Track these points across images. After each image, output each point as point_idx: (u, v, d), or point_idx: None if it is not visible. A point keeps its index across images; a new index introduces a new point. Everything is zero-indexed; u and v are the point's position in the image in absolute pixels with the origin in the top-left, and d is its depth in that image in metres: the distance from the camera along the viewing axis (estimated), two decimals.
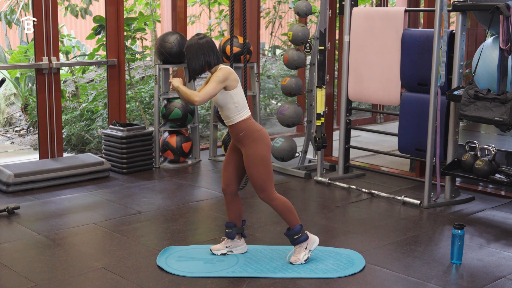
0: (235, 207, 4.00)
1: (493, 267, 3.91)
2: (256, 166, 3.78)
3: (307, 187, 5.75)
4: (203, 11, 10.88)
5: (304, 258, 3.89)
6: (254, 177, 3.80)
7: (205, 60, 3.72)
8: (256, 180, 3.80)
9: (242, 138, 3.79)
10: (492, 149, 4.91)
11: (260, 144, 3.80)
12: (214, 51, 3.75)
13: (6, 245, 4.21)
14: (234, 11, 5.75)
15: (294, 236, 3.88)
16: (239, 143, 3.84)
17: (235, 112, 3.77)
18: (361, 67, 5.70)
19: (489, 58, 4.88)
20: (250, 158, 3.79)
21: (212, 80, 3.68)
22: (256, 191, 3.85)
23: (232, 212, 4.00)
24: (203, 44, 3.73)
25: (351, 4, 5.73)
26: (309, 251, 3.92)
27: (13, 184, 5.42)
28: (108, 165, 5.96)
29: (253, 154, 3.78)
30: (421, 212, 5.00)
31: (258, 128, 3.81)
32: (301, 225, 3.90)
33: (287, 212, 3.87)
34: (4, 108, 9.27)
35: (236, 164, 3.92)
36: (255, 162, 3.78)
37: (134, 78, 9.22)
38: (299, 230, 3.88)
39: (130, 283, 3.62)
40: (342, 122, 5.90)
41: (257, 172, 3.79)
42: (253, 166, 3.78)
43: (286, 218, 3.89)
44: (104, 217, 4.83)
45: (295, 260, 3.88)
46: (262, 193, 3.83)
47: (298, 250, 3.91)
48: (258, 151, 3.79)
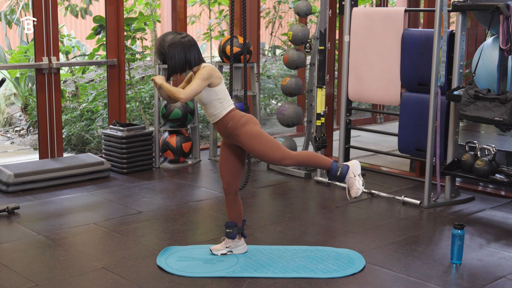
0: (236, 206, 4.00)
1: (493, 267, 3.91)
2: (257, 141, 3.74)
3: (307, 187, 5.76)
4: (203, 11, 10.88)
5: (361, 184, 3.82)
6: (264, 152, 3.74)
7: (186, 58, 3.70)
8: (267, 154, 3.74)
9: (231, 129, 3.77)
10: (492, 149, 4.91)
11: (249, 125, 3.77)
12: (196, 49, 3.74)
13: (6, 245, 4.21)
14: (234, 11, 5.75)
15: (337, 174, 3.81)
16: (230, 136, 3.81)
17: (220, 108, 3.76)
18: (361, 67, 5.70)
19: (489, 58, 4.88)
20: (248, 140, 3.75)
21: (197, 78, 3.65)
22: (277, 163, 3.78)
23: (233, 212, 4.00)
24: (185, 43, 3.70)
25: (351, 4, 5.73)
26: (358, 175, 3.83)
27: (13, 184, 5.42)
28: (108, 165, 5.96)
29: (247, 135, 3.74)
30: (421, 212, 5.00)
31: (242, 114, 3.79)
32: (334, 161, 3.83)
33: (314, 159, 3.81)
34: (4, 108, 9.27)
35: (232, 162, 3.91)
36: (254, 139, 3.74)
37: (134, 78, 9.22)
38: (336, 166, 3.81)
39: (130, 283, 3.62)
40: (342, 122, 5.90)
41: (261, 147, 3.74)
42: (255, 143, 3.74)
43: (317, 164, 3.83)
44: (104, 217, 4.83)
45: (356, 191, 3.80)
46: (283, 161, 3.75)
47: (350, 183, 3.83)
48: (250, 131, 3.75)
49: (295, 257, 3.98)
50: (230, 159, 3.91)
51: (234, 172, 3.93)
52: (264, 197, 5.47)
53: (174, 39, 3.70)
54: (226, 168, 3.93)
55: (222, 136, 3.89)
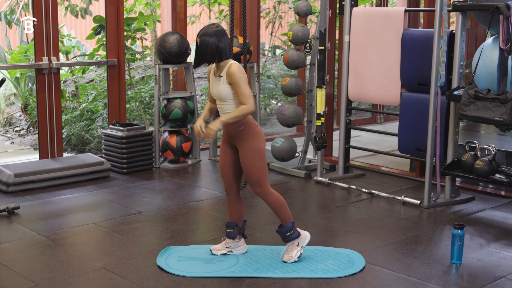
0: (237, 207, 4.00)
1: (493, 267, 3.91)
2: (254, 159, 3.79)
3: (307, 187, 5.75)
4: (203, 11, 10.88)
5: (297, 255, 3.90)
6: (251, 170, 3.79)
7: (219, 51, 3.72)
8: (252, 174, 3.80)
9: (241, 132, 3.79)
10: (492, 149, 4.91)
11: (258, 139, 3.81)
12: (228, 43, 3.77)
13: (6, 245, 4.21)
14: (234, 11, 5.75)
15: (286, 233, 3.89)
16: (236, 138, 3.82)
17: (236, 107, 3.77)
18: (361, 67, 5.70)
19: (489, 58, 4.88)
20: (248, 151, 3.79)
21: (241, 84, 3.69)
22: (252, 185, 3.84)
23: (234, 212, 4.00)
24: (219, 33, 3.72)
25: (351, 4, 5.73)
26: (301, 247, 3.93)
27: (13, 184, 5.42)
28: (108, 165, 5.96)
29: (251, 148, 3.79)
30: (421, 212, 5.00)
31: (256, 124, 3.85)
32: (293, 222, 3.91)
33: (281, 208, 3.88)
34: (4, 108, 9.28)
35: (233, 162, 3.91)
36: (253, 156, 3.78)
37: (134, 78, 9.22)
38: (291, 227, 3.89)
39: (130, 283, 3.62)
40: (342, 122, 5.90)
41: (254, 165, 3.79)
42: (251, 159, 3.78)
43: (279, 214, 3.90)
44: (104, 217, 4.83)
45: (288, 258, 3.89)
46: (258, 188, 3.83)
47: (290, 248, 3.92)
48: (256, 145, 3.80)
49: None
50: (231, 158, 3.91)
51: (235, 171, 3.93)
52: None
53: (210, 30, 3.71)
54: (227, 167, 3.93)
55: (225, 134, 3.89)
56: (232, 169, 3.93)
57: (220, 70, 3.77)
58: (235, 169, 3.93)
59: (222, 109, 3.82)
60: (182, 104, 6.34)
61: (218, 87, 3.76)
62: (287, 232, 3.89)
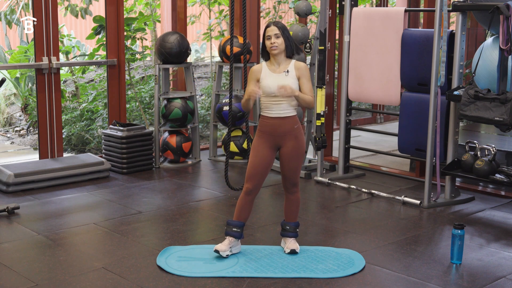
0: (251, 208, 4.02)
1: (493, 267, 3.91)
2: (300, 159, 3.93)
3: (307, 187, 5.75)
4: (203, 11, 10.87)
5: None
6: (297, 170, 3.94)
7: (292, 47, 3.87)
8: (296, 173, 3.94)
9: (296, 130, 3.89)
10: (492, 149, 4.91)
11: (304, 139, 3.99)
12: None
13: (6, 245, 4.21)
14: (234, 11, 5.75)
15: (297, 229, 4.09)
16: (287, 136, 3.86)
17: (296, 104, 3.89)
18: (361, 67, 5.70)
19: (489, 58, 4.88)
20: (299, 150, 3.90)
21: (308, 79, 3.87)
22: (292, 185, 3.97)
23: (246, 213, 4.00)
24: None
25: (351, 4, 5.73)
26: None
27: (13, 184, 5.42)
28: (108, 165, 5.96)
29: (301, 147, 3.92)
30: (421, 212, 5.00)
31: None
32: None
33: (299, 206, 4.09)
34: (4, 108, 9.27)
35: (270, 164, 3.95)
36: (300, 155, 3.92)
37: (134, 78, 9.22)
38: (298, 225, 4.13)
39: (130, 283, 3.62)
40: (342, 122, 5.90)
41: (299, 165, 3.94)
42: (299, 159, 3.92)
43: (297, 211, 4.08)
44: (104, 217, 4.83)
45: (297, 247, 4.03)
46: (296, 187, 3.99)
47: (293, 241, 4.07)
48: (304, 145, 3.97)
49: (295, 257, 3.98)
50: (270, 160, 3.93)
51: (267, 173, 3.97)
52: (264, 197, 5.47)
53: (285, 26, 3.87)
54: (264, 168, 3.91)
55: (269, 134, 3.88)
56: (267, 171, 3.95)
57: (284, 66, 3.86)
58: (268, 171, 3.96)
59: (280, 105, 3.84)
60: (182, 104, 6.34)
61: (284, 81, 3.82)
62: (296, 228, 4.08)
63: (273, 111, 3.85)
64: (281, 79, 3.82)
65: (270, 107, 3.86)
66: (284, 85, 3.78)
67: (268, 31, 3.82)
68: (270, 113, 3.87)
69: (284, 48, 3.83)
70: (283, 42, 3.81)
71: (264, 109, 3.90)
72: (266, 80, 3.85)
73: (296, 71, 3.85)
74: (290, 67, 3.86)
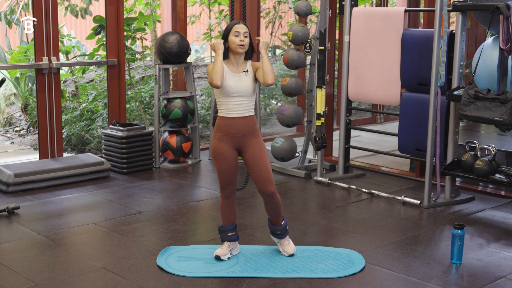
0: (234, 208, 4.00)
1: (493, 267, 3.91)
2: (266, 156, 3.87)
3: (307, 187, 5.75)
4: (203, 11, 10.88)
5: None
6: (267, 167, 3.85)
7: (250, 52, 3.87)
8: (267, 170, 3.85)
9: (256, 130, 3.87)
10: (492, 149, 4.91)
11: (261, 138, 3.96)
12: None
13: (6, 245, 4.21)
14: (234, 11, 5.75)
15: (286, 229, 4.02)
16: (248, 136, 3.82)
17: (254, 103, 3.88)
18: (361, 67, 5.70)
19: (489, 58, 4.88)
20: (262, 149, 3.86)
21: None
22: (268, 184, 3.85)
23: (232, 214, 3.98)
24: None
25: (351, 4, 5.73)
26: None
27: (13, 184, 5.42)
28: (108, 165, 5.96)
29: (263, 146, 3.88)
30: (421, 212, 5.00)
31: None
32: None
33: (281, 206, 3.98)
34: (4, 108, 9.27)
35: (236, 166, 3.91)
36: (265, 153, 3.87)
37: (134, 78, 9.22)
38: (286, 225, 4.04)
39: (130, 283, 3.62)
40: (342, 122, 5.90)
41: (268, 162, 3.87)
42: (265, 156, 3.86)
43: (279, 212, 3.96)
44: (104, 217, 4.83)
45: (294, 248, 3.99)
46: (272, 185, 3.88)
47: (287, 241, 4.02)
48: (263, 143, 3.92)
49: (295, 257, 3.98)
50: (236, 163, 3.90)
51: (236, 175, 3.93)
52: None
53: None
54: (233, 172, 3.88)
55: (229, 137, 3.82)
56: (236, 172, 3.91)
57: (243, 67, 3.84)
58: (237, 171, 3.93)
59: (241, 105, 3.81)
60: (182, 104, 6.34)
61: (245, 83, 3.81)
62: (286, 227, 4.01)
63: (234, 111, 3.81)
64: (242, 79, 3.80)
65: (231, 107, 3.81)
66: (218, 41, 3.79)
67: (237, 27, 3.76)
68: (231, 113, 3.81)
69: (246, 49, 3.81)
70: (248, 44, 3.79)
71: (224, 110, 3.83)
72: (229, 81, 3.79)
73: (253, 68, 3.84)
74: (248, 67, 3.84)
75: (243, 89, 3.80)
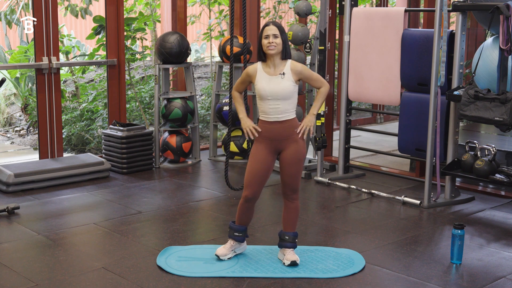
0: (252, 212, 3.96)
1: (493, 267, 3.91)
2: (301, 163, 3.80)
3: (307, 187, 5.75)
4: (203, 11, 10.87)
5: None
6: (298, 175, 3.80)
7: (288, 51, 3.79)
8: (297, 179, 3.80)
9: (295, 134, 3.77)
10: (492, 149, 4.91)
11: (304, 141, 3.85)
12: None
13: (6, 245, 4.21)
14: (234, 11, 5.75)
15: (295, 239, 3.91)
16: (287, 140, 3.75)
17: (294, 107, 3.78)
18: (361, 67, 5.70)
19: (489, 58, 4.88)
20: (300, 155, 3.77)
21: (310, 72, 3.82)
22: (292, 191, 3.82)
23: (248, 218, 3.95)
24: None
25: (351, 4, 5.73)
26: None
27: (13, 184, 5.42)
28: (108, 165, 5.96)
29: (301, 151, 3.79)
30: (421, 212, 5.00)
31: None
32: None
33: (297, 215, 3.93)
34: (4, 108, 9.28)
35: (270, 170, 3.84)
36: (301, 159, 3.79)
37: (134, 78, 9.22)
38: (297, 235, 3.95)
39: (130, 283, 3.62)
40: (342, 122, 5.90)
41: (300, 170, 3.81)
42: (299, 163, 3.78)
43: (296, 220, 3.91)
44: (104, 217, 4.83)
45: (296, 258, 3.85)
46: (295, 193, 3.84)
47: (292, 252, 3.90)
48: (304, 148, 3.84)
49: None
50: (270, 166, 3.81)
51: (265, 181, 3.86)
52: (264, 197, 5.47)
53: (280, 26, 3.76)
54: (264, 175, 3.81)
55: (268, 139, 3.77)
56: (266, 177, 3.83)
57: (280, 69, 3.75)
58: (267, 178, 3.85)
59: (277, 109, 3.72)
60: (182, 104, 6.34)
61: (280, 85, 3.72)
62: (295, 239, 3.91)
63: (270, 115, 3.73)
64: (277, 82, 3.71)
65: (267, 111, 3.75)
66: (252, 131, 3.75)
67: (266, 30, 3.72)
68: (268, 118, 3.75)
69: (281, 49, 3.73)
70: (281, 43, 3.71)
71: (262, 113, 3.79)
72: (262, 83, 3.74)
73: (294, 75, 3.73)
74: (286, 69, 3.74)
75: (278, 92, 3.70)
